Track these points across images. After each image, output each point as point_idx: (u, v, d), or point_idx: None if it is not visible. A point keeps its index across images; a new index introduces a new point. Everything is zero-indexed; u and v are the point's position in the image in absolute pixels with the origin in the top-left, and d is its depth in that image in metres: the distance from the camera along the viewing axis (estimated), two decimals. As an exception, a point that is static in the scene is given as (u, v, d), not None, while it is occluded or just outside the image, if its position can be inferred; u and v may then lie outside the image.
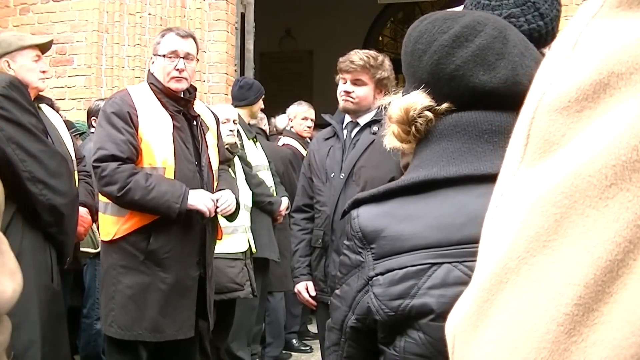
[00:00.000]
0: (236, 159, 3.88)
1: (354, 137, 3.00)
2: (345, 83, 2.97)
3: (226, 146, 3.50)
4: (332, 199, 2.97)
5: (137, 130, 2.84)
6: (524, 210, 0.38)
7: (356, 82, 2.95)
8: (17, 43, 3.05)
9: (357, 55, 2.95)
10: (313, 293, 3.07)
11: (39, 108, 3.07)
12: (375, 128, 2.91)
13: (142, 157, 2.84)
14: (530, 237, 0.37)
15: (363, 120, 2.99)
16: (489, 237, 0.42)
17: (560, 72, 0.40)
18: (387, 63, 2.98)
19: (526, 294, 0.37)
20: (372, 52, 3.02)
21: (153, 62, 3.00)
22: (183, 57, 2.94)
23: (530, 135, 0.40)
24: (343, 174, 2.95)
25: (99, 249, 3.64)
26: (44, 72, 3.11)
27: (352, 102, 2.95)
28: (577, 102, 0.38)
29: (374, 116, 2.94)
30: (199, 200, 2.85)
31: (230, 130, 3.80)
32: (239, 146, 3.96)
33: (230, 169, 3.47)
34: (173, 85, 2.93)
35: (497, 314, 0.38)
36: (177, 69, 2.92)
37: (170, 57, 2.93)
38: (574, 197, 0.36)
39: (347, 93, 2.95)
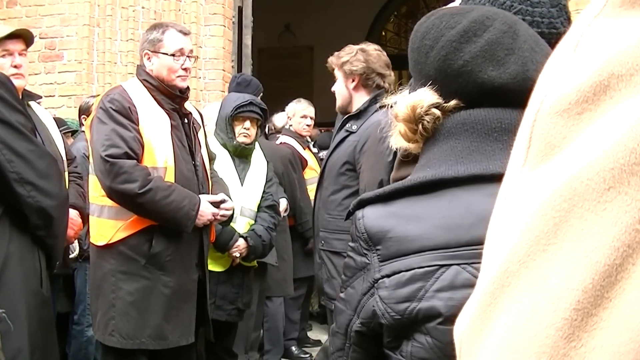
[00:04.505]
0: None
1: (335, 135, 3.17)
2: None
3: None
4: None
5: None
6: (525, 213, 0.39)
7: (336, 78, 3.13)
8: None
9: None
10: None
11: (28, 105, 3.06)
12: (348, 124, 3.03)
13: (143, 157, 2.85)
14: (531, 240, 0.39)
15: (344, 117, 3.11)
16: (493, 240, 0.43)
17: (561, 74, 0.41)
18: (360, 50, 3.08)
19: (527, 298, 0.38)
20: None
21: (149, 59, 3.00)
22: (187, 55, 3.00)
23: (532, 138, 0.41)
24: (319, 173, 3.15)
25: (75, 253, 3.64)
26: (16, 66, 3.01)
27: (337, 100, 3.12)
28: (577, 104, 0.39)
29: (355, 112, 3.05)
30: (207, 210, 2.90)
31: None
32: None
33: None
34: (180, 84, 2.98)
35: (500, 318, 0.39)
36: (184, 68, 2.98)
37: (177, 56, 2.97)
38: (573, 200, 0.37)
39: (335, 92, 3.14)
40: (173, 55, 2.96)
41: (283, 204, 4.35)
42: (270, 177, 3.81)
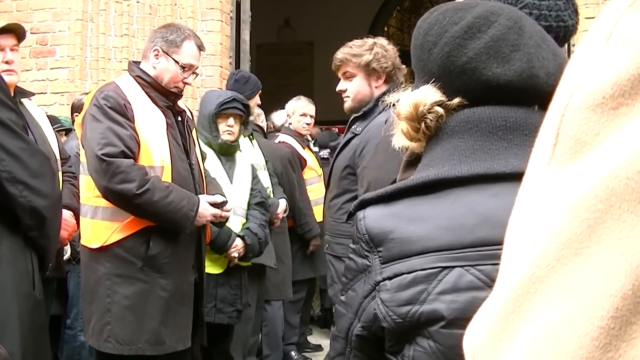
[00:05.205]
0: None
1: (343, 136, 3.12)
2: (340, 81, 3.05)
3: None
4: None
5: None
6: (554, 215, 0.38)
7: (347, 77, 3.02)
8: None
9: (341, 49, 3.02)
10: None
11: (20, 103, 3.06)
12: (354, 126, 2.98)
13: (140, 156, 2.84)
14: (562, 244, 0.37)
15: (352, 118, 3.06)
16: (514, 244, 0.41)
17: (593, 67, 0.39)
18: (379, 46, 2.99)
19: (556, 305, 0.37)
20: (359, 40, 3.06)
21: (157, 56, 2.99)
22: (193, 72, 3.03)
23: (560, 135, 0.40)
24: (327, 175, 3.10)
25: (67, 255, 3.64)
26: (8, 62, 3.00)
27: (349, 100, 3.02)
28: (612, 98, 0.38)
29: (360, 112, 2.99)
30: (206, 211, 2.92)
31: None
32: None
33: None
34: (173, 90, 3.00)
35: (524, 327, 0.38)
36: (186, 82, 3.00)
37: (186, 70, 2.99)
38: (610, 201, 0.36)
39: (342, 92, 3.03)
40: (183, 67, 2.97)
41: (283, 204, 4.35)
42: (255, 174, 3.84)
